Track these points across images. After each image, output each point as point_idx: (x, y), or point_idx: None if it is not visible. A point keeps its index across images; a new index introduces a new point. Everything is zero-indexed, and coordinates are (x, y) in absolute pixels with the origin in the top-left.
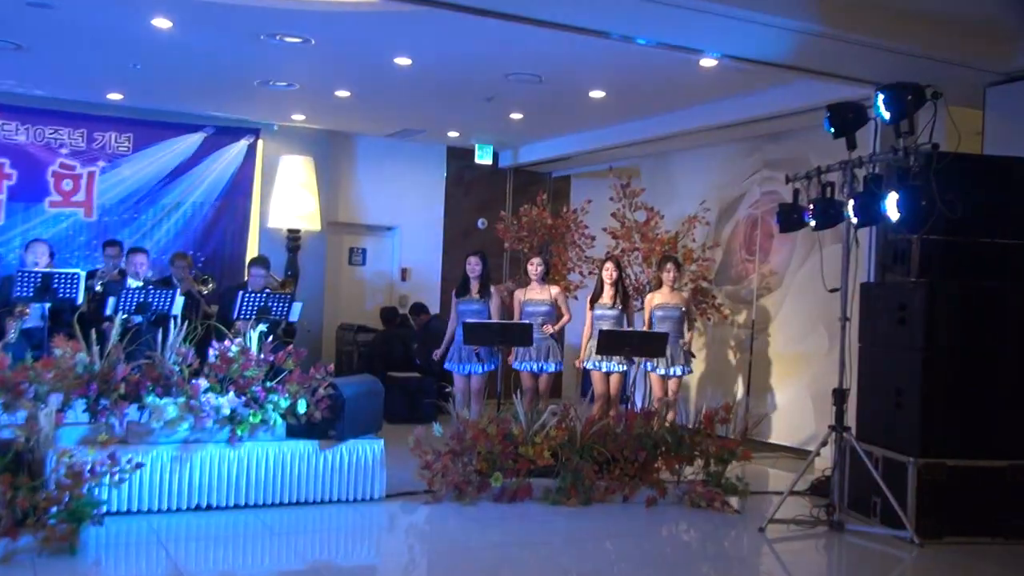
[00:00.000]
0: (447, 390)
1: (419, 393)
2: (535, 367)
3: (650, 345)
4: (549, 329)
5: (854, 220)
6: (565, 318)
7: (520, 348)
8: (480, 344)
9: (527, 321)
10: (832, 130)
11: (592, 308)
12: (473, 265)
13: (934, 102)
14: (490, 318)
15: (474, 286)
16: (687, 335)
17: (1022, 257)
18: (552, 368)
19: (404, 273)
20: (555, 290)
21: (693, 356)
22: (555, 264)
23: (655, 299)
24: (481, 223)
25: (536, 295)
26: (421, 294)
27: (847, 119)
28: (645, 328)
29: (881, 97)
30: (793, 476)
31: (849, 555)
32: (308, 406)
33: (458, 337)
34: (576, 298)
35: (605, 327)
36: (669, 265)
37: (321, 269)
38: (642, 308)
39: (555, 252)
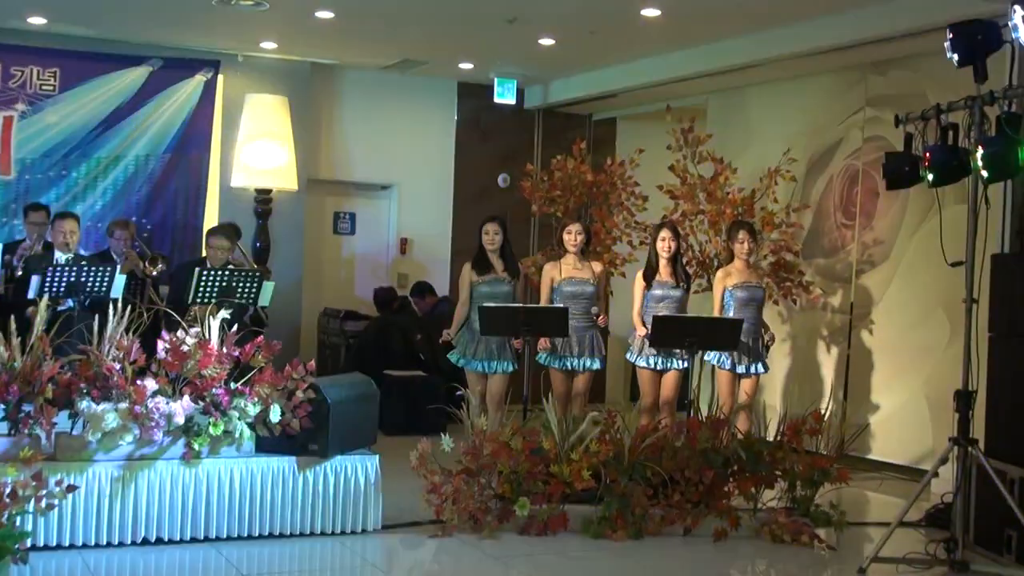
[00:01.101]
0: (459, 393)
1: (424, 397)
2: (572, 364)
3: (720, 335)
4: (603, 321)
5: (984, 174)
6: (602, 302)
7: (553, 340)
8: (502, 334)
9: (562, 305)
10: (956, 57)
11: (647, 288)
12: (492, 235)
13: None
14: (518, 302)
15: (497, 263)
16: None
17: None
18: (595, 365)
19: (404, 244)
20: (598, 266)
21: (768, 347)
22: (596, 232)
23: (730, 276)
24: (503, 180)
25: (575, 271)
26: (426, 271)
27: (975, 42)
28: (716, 313)
29: (1020, 13)
30: (903, 503)
31: None
32: (283, 413)
33: (472, 324)
34: (623, 275)
35: (663, 311)
36: (743, 233)
37: (298, 240)
38: (708, 288)
39: (597, 217)
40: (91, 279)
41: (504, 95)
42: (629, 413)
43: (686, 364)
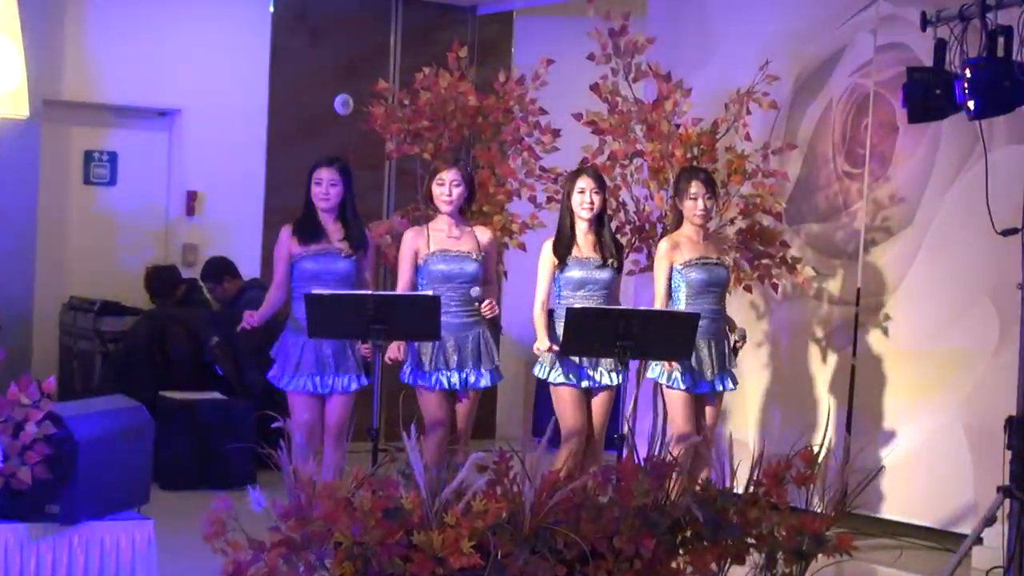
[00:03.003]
0: (276, 424)
1: (222, 431)
2: (449, 380)
3: (667, 336)
4: (491, 309)
5: None
6: (492, 287)
7: (419, 345)
8: (341, 335)
9: (430, 291)
10: None
11: (559, 267)
12: (326, 186)
13: None
14: (365, 286)
15: (333, 227)
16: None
17: None
18: (482, 381)
19: (192, 201)
20: (484, 234)
21: (736, 352)
22: (483, 183)
23: (679, 249)
24: (342, 104)
25: (450, 242)
26: (226, 241)
27: None
28: (658, 303)
29: None
30: None
31: None
32: (6, 459)
33: (297, 323)
34: (523, 247)
35: (580, 302)
36: (697, 185)
37: (28, 193)
38: (649, 268)
39: (484, 160)
40: None
41: None
42: (532, 453)
43: (617, 378)
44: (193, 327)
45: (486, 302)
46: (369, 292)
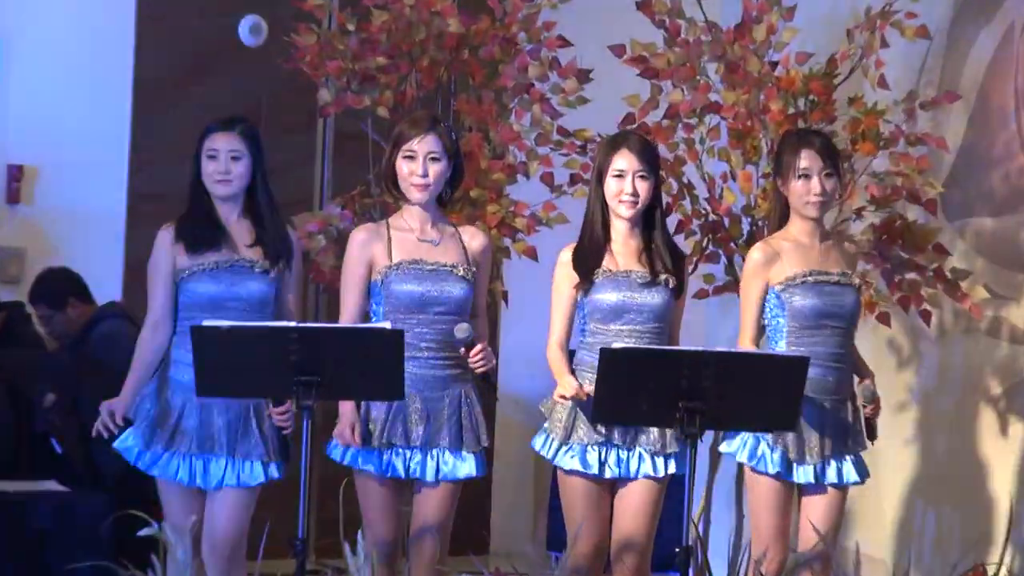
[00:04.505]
0: (144, 533)
1: (63, 540)
2: (407, 464)
3: (760, 393)
4: (484, 358)
5: None
6: (482, 321)
7: (373, 407)
8: (243, 393)
9: (388, 324)
10: None
11: (583, 287)
12: (225, 161)
13: None
14: (287, 316)
15: (238, 225)
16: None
17: None
18: (461, 469)
19: (17, 181)
20: (477, 239)
21: (870, 425)
22: (471, 154)
23: (779, 263)
24: (250, 28)
25: (424, 250)
26: (67, 246)
27: None
28: (745, 341)
29: None
30: None
31: None
32: None
33: (179, 372)
34: (534, 256)
35: (618, 339)
36: (807, 156)
37: None
38: (729, 286)
39: (472, 118)
40: None
41: None
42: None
43: (674, 464)
44: (16, 379)
45: (477, 347)
46: (293, 324)
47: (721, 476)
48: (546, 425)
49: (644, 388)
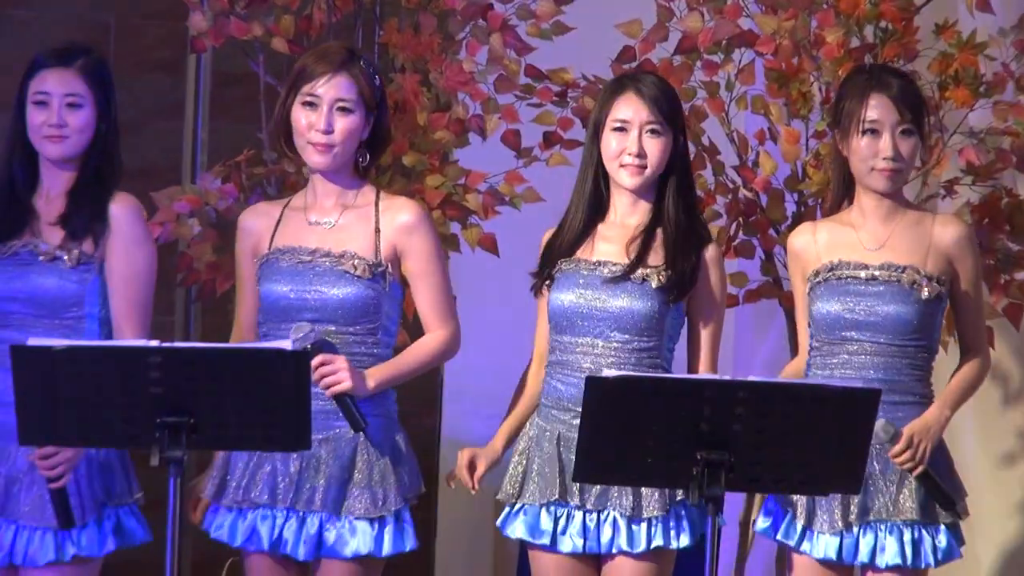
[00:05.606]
0: None
1: None
2: (278, 533)
3: (806, 442)
4: (316, 367)
5: None
6: (434, 339)
7: (226, 456)
8: (86, 441)
9: (289, 342)
10: None
11: (542, 280)
12: (58, 108)
13: None
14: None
15: (58, 201)
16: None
17: None
18: (351, 543)
19: None
20: (402, 213)
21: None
22: (405, 103)
23: (815, 253)
24: None
25: (312, 233)
26: None
27: None
28: (802, 362)
29: None
30: None
31: None
32: None
33: None
34: (493, 249)
35: (581, 358)
36: (877, 104)
37: None
38: (767, 288)
39: (405, 53)
40: None
41: None
42: None
43: (684, 537)
44: None
45: (317, 359)
46: (155, 343)
47: (757, 554)
48: (508, 483)
49: (648, 433)
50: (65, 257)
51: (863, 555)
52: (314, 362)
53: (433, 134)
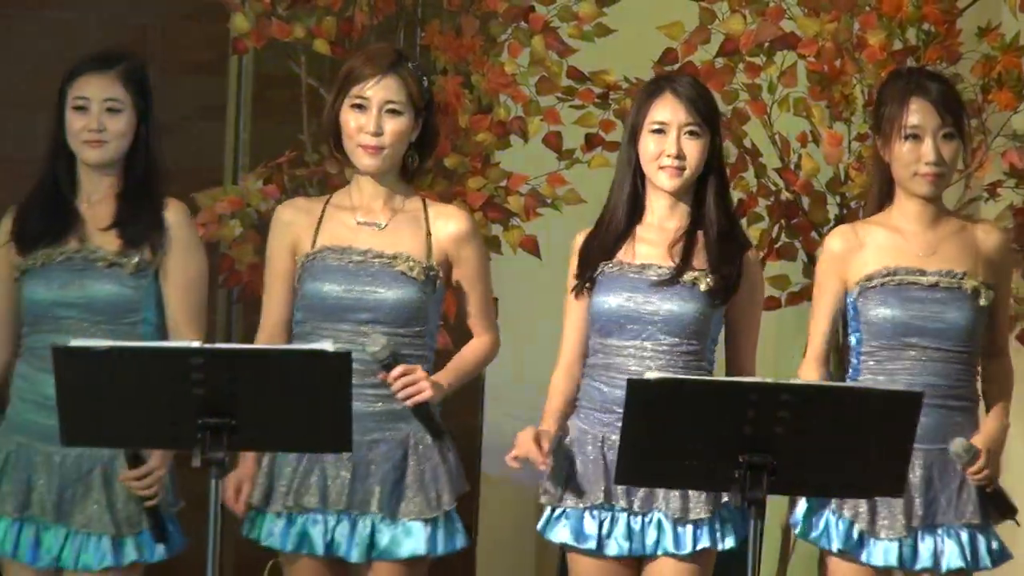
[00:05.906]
0: None
1: None
2: (331, 536)
3: (849, 445)
4: (395, 379)
5: None
6: (482, 344)
7: (272, 459)
8: (122, 441)
9: (330, 342)
10: None
11: (583, 282)
12: (99, 114)
13: None
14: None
15: (103, 206)
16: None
17: None
18: (406, 545)
19: None
20: (451, 223)
21: (987, 482)
22: (448, 106)
23: (860, 253)
24: None
25: (360, 234)
26: None
27: None
28: (811, 362)
29: None
30: None
31: None
32: None
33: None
34: (535, 251)
35: (627, 363)
36: (918, 109)
37: None
38: (810, 287)
39: (447, 55)
40: None
41: None
42: None
43: (730, 539)
44: None
45: (396, 369)
46: (197, 344)
47: (798, 559)
48: (542, 490)
49: (690, 435)
50: (124, 264)
51: (924, 560)
52: (394, 372)
53: (475, 136)
